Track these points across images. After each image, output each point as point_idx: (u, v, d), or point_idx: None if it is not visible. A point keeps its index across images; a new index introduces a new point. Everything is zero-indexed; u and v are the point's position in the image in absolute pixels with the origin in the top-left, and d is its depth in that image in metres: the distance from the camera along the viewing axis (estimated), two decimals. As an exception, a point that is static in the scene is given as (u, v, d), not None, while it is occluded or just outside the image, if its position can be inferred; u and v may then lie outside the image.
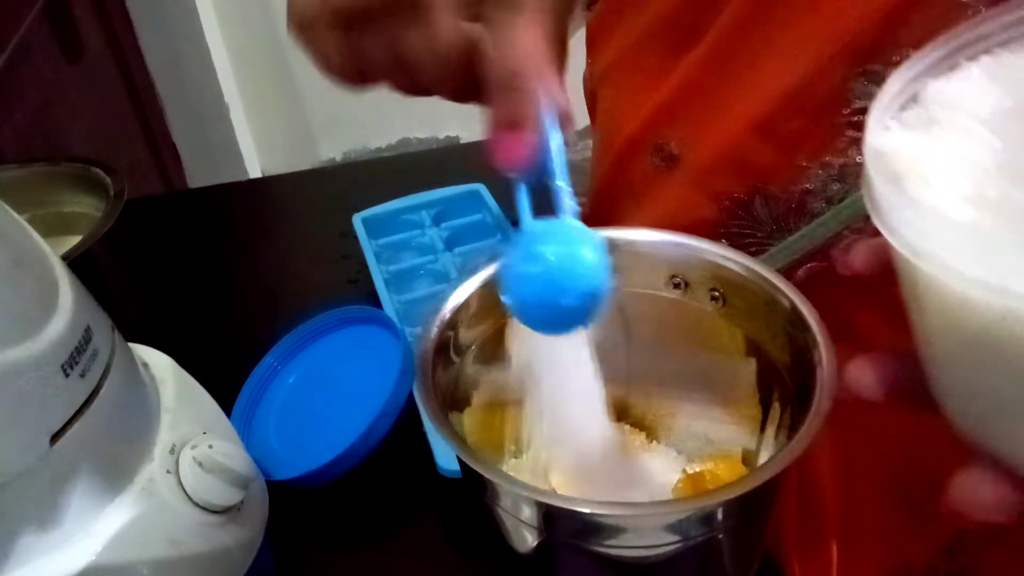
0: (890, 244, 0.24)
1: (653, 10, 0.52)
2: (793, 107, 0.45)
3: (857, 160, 0.45)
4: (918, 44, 0.33)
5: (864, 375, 0.29)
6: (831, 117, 0.44)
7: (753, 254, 0.47)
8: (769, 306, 0.38)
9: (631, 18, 0.54)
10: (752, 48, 0.46)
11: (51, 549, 0.35)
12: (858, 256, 0.31)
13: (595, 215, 0.65)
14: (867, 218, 0.25)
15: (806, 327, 0.36)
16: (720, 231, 0.50)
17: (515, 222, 0.67)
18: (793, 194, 0.47)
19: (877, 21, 0.42)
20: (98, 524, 0.36)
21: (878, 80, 0.43)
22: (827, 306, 0.37)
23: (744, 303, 0.39)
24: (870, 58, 0.43)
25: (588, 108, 0.64)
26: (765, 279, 0.38)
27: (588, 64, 0.62)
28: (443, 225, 0.69)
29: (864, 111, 0.44)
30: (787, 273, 0.41)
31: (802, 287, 0.39)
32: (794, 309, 0.37)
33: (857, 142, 0.45)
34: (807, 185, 0.46)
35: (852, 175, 0.45)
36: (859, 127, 0.44)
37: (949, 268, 0.22)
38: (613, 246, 0.41)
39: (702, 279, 0.40)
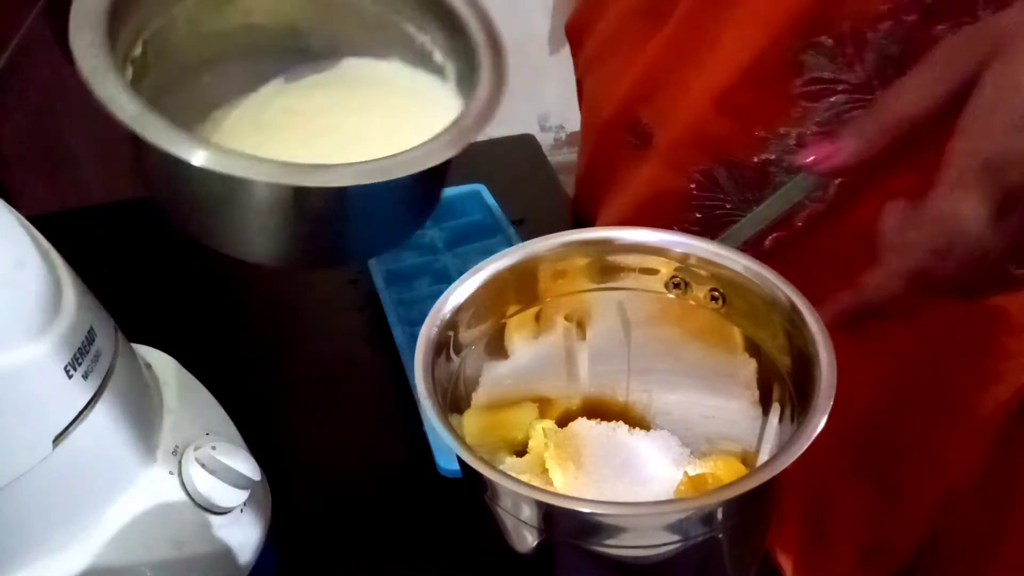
0: None
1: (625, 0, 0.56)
2: (748, 81, 0.48)
3: (811, 131, 0.48)
4: (858, 16, 0.34)
5: None
6: (784, 89, 0.47)
7: (723, 225, 0.49)
8: (769, 306, 0.38)
9: (609, 8, 0.58)
10: (709, 26, 0.49)
11: (54, 550, 0.35)
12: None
13: (578, 201, 0.67)
14: (825, 187, 0.25)
15: (806, 327, 0.36)
16: (692, 204, 0.53)
17: (515, 222, 0.67)
18: (754, 164, 0.50)
19: None
20: (101, 525, 0.36)
21: (828, 53, 0.46)
22: (791, 274, 0.38)
23: (744, 303, 0.40)
24: (816, 31, 0.45)
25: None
26: (765, 279, 0.38)
27: (574, 58, 0.64)
28: (443, 225, 0.69)
29: (817, 82, 0.46)
30: (755, 242, 0.42)
31: (769, 256, 0.40)
32: (794, 309, 0.37)
33: (810, 112, 0.48)
34: (766, 155, 0.49)
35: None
36: (812, 97, 0.47)
37: None
38: (613, 246, 0.41)
39: (702, 279, 0.40)
